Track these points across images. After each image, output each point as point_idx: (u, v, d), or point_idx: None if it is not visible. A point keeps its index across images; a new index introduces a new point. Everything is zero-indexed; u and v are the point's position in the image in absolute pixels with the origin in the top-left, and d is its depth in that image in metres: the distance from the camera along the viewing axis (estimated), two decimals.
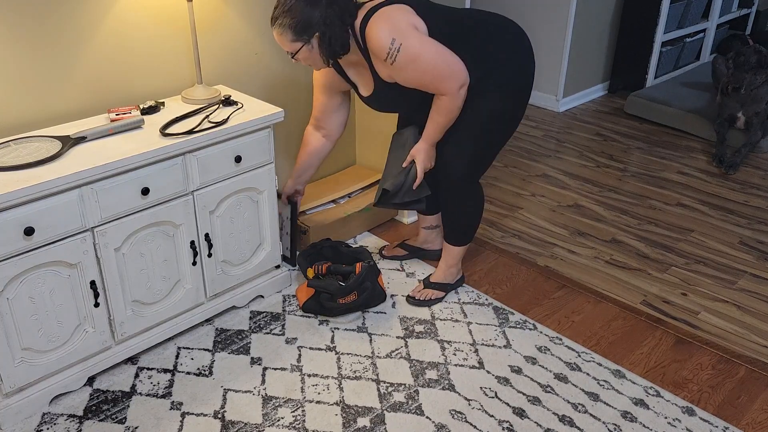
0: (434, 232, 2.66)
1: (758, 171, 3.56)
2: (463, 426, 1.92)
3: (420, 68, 1.97)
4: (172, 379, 2.08)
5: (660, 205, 3.19)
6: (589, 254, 2.79)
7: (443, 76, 1.99)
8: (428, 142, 2.17)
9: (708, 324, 2.38)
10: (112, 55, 2.16)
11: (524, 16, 4.27)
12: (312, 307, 2.35)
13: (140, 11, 2.17)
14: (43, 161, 1.80)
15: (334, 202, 2.83)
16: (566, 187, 3.36)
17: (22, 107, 2.02)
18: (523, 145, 3.86)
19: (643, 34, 4.43)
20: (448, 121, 2.10)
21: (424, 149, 2.18)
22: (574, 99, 4.47)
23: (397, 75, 2.02)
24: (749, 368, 2.16)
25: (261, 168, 2.23)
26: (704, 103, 4.13)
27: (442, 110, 2.07)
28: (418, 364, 2.15)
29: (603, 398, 2.03)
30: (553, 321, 2.37)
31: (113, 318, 2.02)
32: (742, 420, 1.96)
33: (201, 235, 2.15)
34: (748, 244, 2.87)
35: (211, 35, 2.38)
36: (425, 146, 2.18)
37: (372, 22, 1.95)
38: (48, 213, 1.76)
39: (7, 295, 1.77)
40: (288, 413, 1.95)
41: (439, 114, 2.08)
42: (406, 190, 2.21)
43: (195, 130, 2.01)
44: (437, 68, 1.97)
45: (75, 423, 1.91)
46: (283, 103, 2.71)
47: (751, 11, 5.36)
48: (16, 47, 1.95)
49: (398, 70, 1.99)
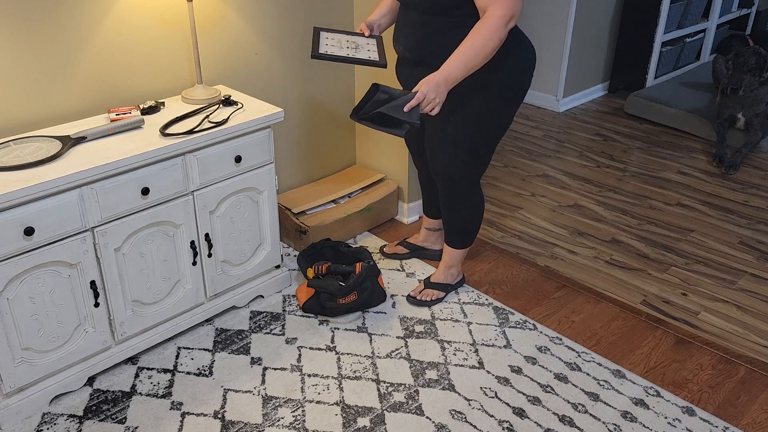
0: (436, 233, 2.66)
1: (758, 171, 3.56)
2: (463, 426, 1.92)
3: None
4: (172, 379, 2.08)
5: (660, 205, 3.19)
6: (589, 254, 2.79)
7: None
8: (445, 74, 1.87)
9: (708, 324, 2.38)
10: (112, 55, 2.16)
11: (525, 16, 4.27)
12: (312, 307, 2.35)
13: (140, 11, 2.17)
14: (43, 161, 1.80)
15: (334, 202, 2.83)
16: (566, 187, 3.36)
17: (22, 107, 2.02)
18: (523, 145, 3.86)
19: (643, 34, 4.43)
20: (479, 50, 1.85)
21: (437, 80, 1.86)
22: (574, 99, 4.47)
23: None
24: (749, 368, 2.16)
25: (261, 168, 2.23)
26: (704, 103, 4.13)
27: (480, 33, 1.83)
28: (418, 364, 2.15)
29: (603, 398, 2.03)
30: (553, 321, 2.37)
31: (113, 318, 2.02)
32: (742, 420, 1.96)
33: (201, 235, 2.15)
34: (748, 244, 2.87)
35: (211, 35, 2.38)
36: (439, 78, 1.86)
37: None
38: (48, 213, 1.76)
39: (7, 295, 1.77)
40: (288, 413, 1.95)
41: (473, 37, 1.84)
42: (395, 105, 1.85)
43: (195, 130, 2.02)
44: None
45: (75, 423, 1.91)
46: (283, 103, 2.71)
47: (751, 11, 5.36)
48: (16, 47, 1.95)
49: None
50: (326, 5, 2.69)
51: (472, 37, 1.86)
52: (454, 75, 1.88)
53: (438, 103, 1.88)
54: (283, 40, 2.61)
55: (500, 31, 1.86)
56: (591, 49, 4.40)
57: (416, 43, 2.05)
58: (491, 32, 1.85)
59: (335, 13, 2.74)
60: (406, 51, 2.10)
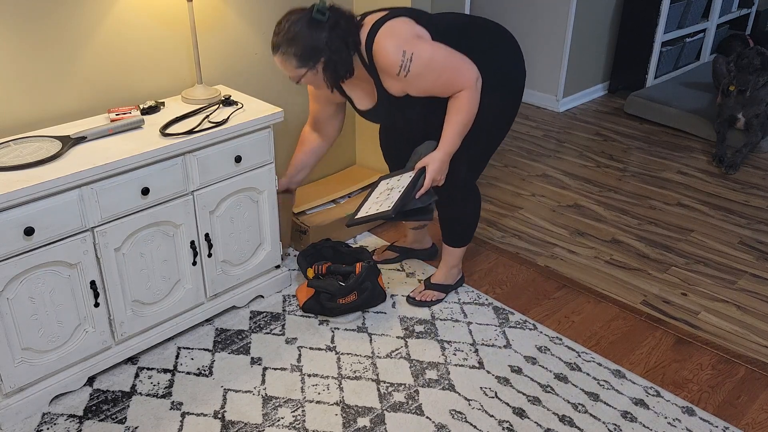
0: (422, 231, 2.66)
1: (758, 171, 3.56)
2: (463, 426, 1.92)
3: (436, 69, 1.94)
4: (172, 379, 2.08)
5: (660, 205, 3.19)
6: (589, 254, 2.79)
7: (460, 70, 1.96)
8: (445, 150, 2.04)
9: (708, 324, 2.38)
10: (112, 55, 2.16)
11: (525, 17, 4.27)
12: (312, 307, 2.35)
13: (140, 11, 2.17)
14: (43, 161, 1.80)
15: (334, 202, 2.83)
16: (566, 187, 3.36)
17: (22, 107, 2.02)
18: (523, 145, 3.86)
19: (643, 34, 4.43)
20: (468, 121, 2.02)
21: (440, 159, 2.04)
22: (574, 99, 4.47)
23: (411, 85, 1.98)
24: (749, 368, 2.16)
25: (261, 168, 2.23)
26: (704, 103, 4.13)
27: (463, 107, 1.99)
28: (418, 364, 2.15)
29: (603, 398, 2.03)
30: (553, 321, 2.37)
31: (113, 318, 2.02)
32: (742, 420, 1.96)
33: (201, 235, 2.15)
34: (748, 244, 2.87)
35: (211, 35, 2.38)
36: (441, 155, 2.04)
37: (378, 39, 1.93)
38: (48, 213, 1.76)
39: (7, 295, 1.77)
40: (288, 413, 1.95)
41: (459, 112, 2.00)
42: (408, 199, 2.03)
43: (195, 130, 2.02)
44: (453, 64, 1.95)
45: (75, 423, 1.91)
46: (283, 103, 2.71)
47: (751, 11, 5.36)
48: (16, 47, 1.95)
49: (413, 78, 1.95)
50: None
51: (457, 112, 2.01)
52: (452, 149, 2.05)
53: (444, 173, 2.07)
54: None
55: (476, 94, 2.01)
56: (591, 49, 4.40)
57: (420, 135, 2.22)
58: (471, 101, 2.00)
59: None
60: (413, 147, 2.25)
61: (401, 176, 2.13)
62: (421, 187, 2.03)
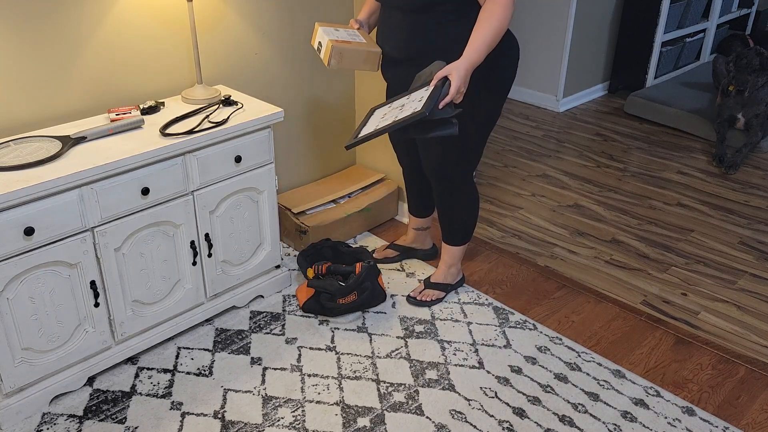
0: (424, 233, 2.66)
1: (758, 171, 3.56)
2: (463, 426, 1.92)
3: None
4: (172, 379, 2.08)
5: (660, 205, 3.19)
6: (589, 254, 2.79)
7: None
8: (470, 60, 1.86)
9: (708, 324, 2.38)
10: (112, 55, 2.16)
11: (525, 16, 4.27)
12: (312, 307, 2.35)
13: (140, 11, 2.17)
14: (43, 161, 1.80)
15: (334, 202, 2.83)
16: (566, 187, 3.36)
17: (22, 107, 2.02)
18: (523, 145, 3.86)
19: (643, 34, 4.43)
20: (499, 32, 1.87)
21: (465, 67, 1.85)
22: (574, 99, 4.47)
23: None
24: (749, 368, 2.16)
25: (261, 168, 2.23)
26: (704, 103, 4.13)
27: (496, 14, 1.85)
28: (418, 364, 2.15)
29: (603, 398, 2.03)
30: (553, 321, 2.37)
31: (113, 318, 2.02)
32: (742, 420, 1.96)
33: (201, 235, 2.15)
34: (748, 244, 2.87)
35: (211, 35, 2.38)
36: (466, 64, 1.86)
37: None
38: (48, 213, 1.76)
39: (7, 295, 1.77)
40: (288, 413, 1.95)
41: (489, 21, 1.85)
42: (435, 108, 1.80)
43: (195, 130, 2.02)
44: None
45: (75, 423, 1.91)
46: (283, 103, 2.71)
47: (751, 11, 5.36)
48: (16, 47, 1.95)
49: None
50: (326, 5, 2.69)
51: (489, 19, 1.87)
52: (477, 59, 1.88)
53: (464, 91, 1.89)
54: (283, 40, 2.61)
55: (511, 8, 1.87)
56: (591, 49, 4.40)
57: (403, 43, 2.06)
58: (505, 10, 1.86)
59: (335, 13, 2.74)
60: (392, 50, 2.10)
61: (410, 95, 1.93)
62: (446, 95, 1.84)
